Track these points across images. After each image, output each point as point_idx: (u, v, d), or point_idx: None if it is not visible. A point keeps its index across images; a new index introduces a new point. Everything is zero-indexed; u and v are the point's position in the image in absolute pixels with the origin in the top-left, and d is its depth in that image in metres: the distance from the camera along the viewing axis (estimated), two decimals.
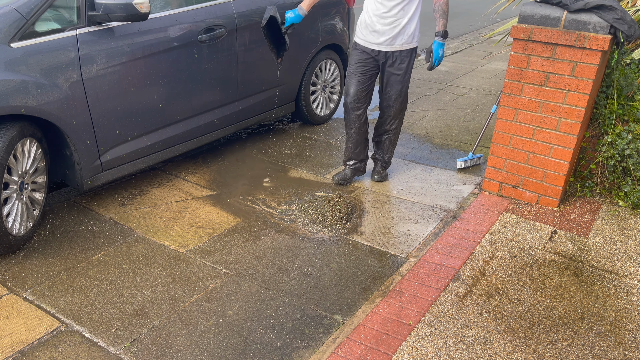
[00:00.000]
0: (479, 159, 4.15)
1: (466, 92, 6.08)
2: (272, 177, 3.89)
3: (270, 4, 4.06)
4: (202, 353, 2.28)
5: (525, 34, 3.23)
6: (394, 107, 3.65)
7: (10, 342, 2.28)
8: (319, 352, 2.30)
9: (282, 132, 4.77)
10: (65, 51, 2.83)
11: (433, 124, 5.05)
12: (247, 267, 2.87)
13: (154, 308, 2.53)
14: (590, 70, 3.13)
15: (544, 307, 2.60)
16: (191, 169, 3.95)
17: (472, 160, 4.13)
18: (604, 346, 2.37)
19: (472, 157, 4.13)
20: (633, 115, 3.50)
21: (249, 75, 4.01)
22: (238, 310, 2.54)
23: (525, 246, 3.10)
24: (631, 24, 3.04)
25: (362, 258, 2.99)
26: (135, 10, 2.92)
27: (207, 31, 3.57)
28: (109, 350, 2.28)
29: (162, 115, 3.46)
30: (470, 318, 2.51)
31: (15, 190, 2.78)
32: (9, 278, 2.68)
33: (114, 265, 2.83)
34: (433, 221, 3.36)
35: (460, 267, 2.88)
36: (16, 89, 2.62)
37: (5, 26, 2.62)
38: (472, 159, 4.13)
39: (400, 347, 2.31)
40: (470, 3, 13.41)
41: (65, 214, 3.28)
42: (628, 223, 3.36)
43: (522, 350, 2.33)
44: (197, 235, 3.13)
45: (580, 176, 3.77)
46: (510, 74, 3.39)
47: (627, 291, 2.74)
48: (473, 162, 4.14)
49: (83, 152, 3.05)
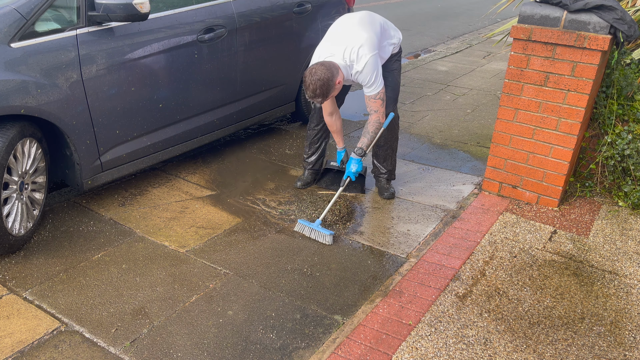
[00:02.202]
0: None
1: (466, 92, 6.08)
2: (272, 177, 3.89)
3: (270, 3, 4.06)
4: (202, 353, 2.28)
5: (525, 34, 3.23)
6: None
7: (10, 342, 2.28)
8: (319, 352, 2.30)
9: (282, 132, 4.77)
10: (65, 51, 2.83)
11: (433, 124, 5.05)
12: (247, 267, 2.87)
13: (154, 308, 2.53)
14: (590, 70, 3.13)
15: (544, 307, 2.60)
16: (191, 169, 3.95)
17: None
18: (604, 346, 2.37)
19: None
20: (633, 115, 3.50)
21: (249, 76, 4.01)
22: (238, 310, 2.54)
23: (525, 246, 3.10)
24: (631, 24, 3.04)
25: (362, 258, 2.99)
26: (135, 10, 2.92)
27: (207, 31, 3.57)
28: (109, 350, 2.28)
29: (162, 116, 3.46)
30: (470, 318, 2.51)
31: (15, 190, 2.78)
32: (9, 278, 2.68)
33: (114, 265, 2.83)
34: (433, 221, 3.36)
35: (460, 267, 2.88)
36: (16, 89, 2.62)
37: (5, 26, 2.62)
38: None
39: (400, 347, 2.31)
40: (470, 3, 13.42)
41: (65, 214, 3.28)
42: (628, 223, 3.36)
43: (522, 350, 2.33)
44: (197, 235, 3.13)
45: (580, 176, 3.77)
46: (510, 74, 3.39)
47: (627, 291, 2.74)
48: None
49: (83, 152, 3.05)
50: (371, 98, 3.20)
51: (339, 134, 3.58)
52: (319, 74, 2.97)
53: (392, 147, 3.63)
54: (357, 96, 5.44)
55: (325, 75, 2.98)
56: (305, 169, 3.79)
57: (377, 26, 3.23)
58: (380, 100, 3.19)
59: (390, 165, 3.67)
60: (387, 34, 3.33)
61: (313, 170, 3.77)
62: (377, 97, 3.18)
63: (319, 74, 2.97)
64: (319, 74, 2.98)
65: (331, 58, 3.11)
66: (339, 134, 3.58)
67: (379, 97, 3.18)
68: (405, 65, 7.21)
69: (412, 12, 11.61)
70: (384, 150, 3.61)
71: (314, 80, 2.97)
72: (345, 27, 3.20)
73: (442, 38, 9.37)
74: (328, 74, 2.99)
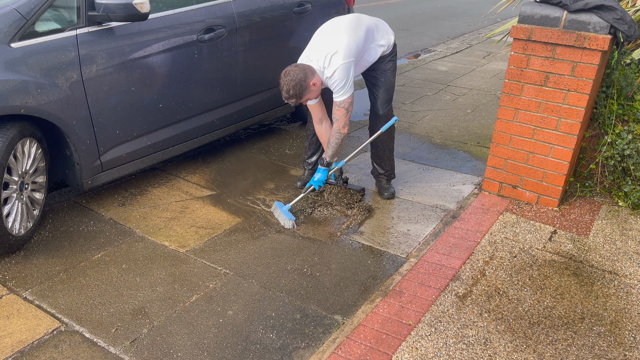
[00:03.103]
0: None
1: (466, 92, 6.08)
2: (272, 177, 3.89)
3: (270, 3, 4.06)
4: (202, 353, 2.28)
5: (525, 34, 3.23)
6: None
7: (10, 342, 2.28)
8: (319, 352, 2.30)
9: (282, 132, 4.77)
10: (65, 51, 2.83)
11: (433, 124, 5.05)
12: (247, 267, 2.87)
13: (154, 308, 2.53)
14: (590, 70, 3.13)
15: (544, 307, 2.60)
16: (191, 169, 3.95)
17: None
18: (604, 346, 2.37)
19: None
20: (633, 115, 3.50)
21: (249, 75, 4.01)
22: (238, 310, 2.54)
23: (525, 246, 3.10)
24: (631, 24, 3.04)
25: (362, 258, 2.99)
26: (135, 10, 2.92)
27: (207, 31, 3.57)
28: (109, 350, 2.28)
29: (162, 115, 3.46)
30: (470, 318, 2.51)
31: (15, 190, 2.78)
32: (9, 278, 2.68)
33: (114, 265, 2.83)
34: (433, 221, 3.36)
35: (460, 267, 2.88)
36: (16, 89, 2.62)
37: (5, 26, 2.62)
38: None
39: (400, 347, 2.31)
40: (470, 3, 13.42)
41: (65, 214, 3.28)
42: (628, 223, 3.36)
43: (522, 350, 2.33)
44: (197, 235, 3.13)
45: (580, 176, 3.77)
46: (510, 74, 3.39)
47: (627, 291, 2.74)
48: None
49: (83, 152, 3.04)
50: (336, 105, 3.23)
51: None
52: (292, 75, 3.07)
53: (389, 147, 3.62)
54: (357, 96, 5.44)
55: (298, 76, 3.06)
56: (306, 169, 3.79)
57: (362, 31, 3.24)
58: (344, 110, 3.21)
59: (388, 166, 3.66)
60: (373, 37, 3.32)
61: (313, 171, 3.77)
62: (342, 105, 3.20)
63: (292, 75, 3.07)
64: (292, 74, 3.07)
65: (309, 62, 3.18)
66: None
67: (343, 106, 3.20)
68: (405, 65, 7.21)
69: (412, 12, 11.61)
70: (382, 151, 3.61)
71: (287, 81, 3.07)
72: (328, 32, 3.25)
73: (442, 38, 9.37)
74: (301, 74, 3.07)
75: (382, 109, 3.46)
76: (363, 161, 4.17)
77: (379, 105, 3.46)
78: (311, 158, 3.77)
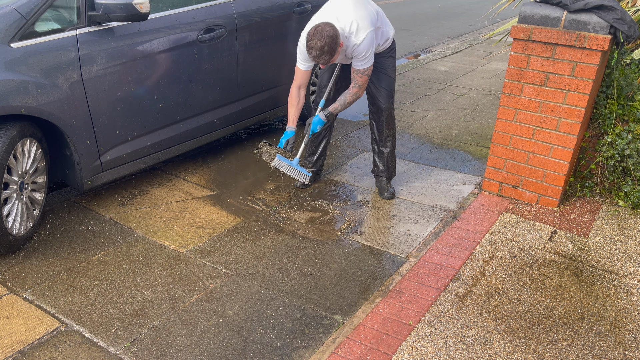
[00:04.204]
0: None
1: (466, 92, 6.08)
2: (272, 177, 3.89)
3: (270, 3, 4.06)
4: (202, 353, 2.28)
5: (525, 34, 3.23)
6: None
7: (10, 342, 2.28)
8: (319, 352, 2.30)
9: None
10: (65, 51, 2.83)
11: (433, 124, 5.05)
12: (247, 267, 2.87)
13: (154, 308, 2.53)
14: (590, 70, 3.13)
15: (544, 307, 2.60)
16: (191, 169, 3.95)
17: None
18: (604, 346, 2.37)
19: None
20: (633, 115, 3.50)
21: (249, 75, 4.01)
22: (238, 310, 2.54)
23: (525, 246, 3.10)
24: (631, 24, 3.04)
25: (362, 258, 2.99)
26: (135, 10, 2.92)
27: (207, 31, 3.57)
28: (109, 350, 2.28)
29: (162, 115, 3.46)
30: (470, 318, 2.51)
31: (15, 190, 2.78)
32: (9, 278, 2.68)
33: (114, 265, 2.83)
34: (433, 221, 3.36)
35: (460, 267, 2.88)
36: (16, 89, 2.62)
37: (5, 26, 2.62)
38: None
39: (400, 347, 2.31)
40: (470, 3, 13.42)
41: (65, 214, 3.28)
42: (628, 223, 3.36)
43: (522, 350, 2.33)
44: (197, 235, 3.13)
45: (580, 176, 3.77)
46: (510, 74, 3.39)
47: (627, 291, 2.74)
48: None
49: (83, 152, 3.05)
50: (359, 72, 3.21)
51: (296, 112, 3.43)
52: (326, 32, 2.89)
53: (392, 143, 3.64)
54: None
55: (332, 32, 2.91)
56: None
57: (373, 9, 3.24)
58: (366, 77, 3.22)
59: (390, 163, 3.67)
60: (383, 19, 3.33)
61: (314, 170, 3.77)
62: (365, 72, 3.20)
63: (327, 32, 2.89)
64: (326, 31, 2.89)
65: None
66: (296, 111, 3.42)
67: (367, 74, 3.21)
68: (405, 65, 7.22)
69: (412, 12, 11.61)
70: (384, 146, 3.63)
71: (323, 37, 2.88)
72: (342, 3, 3.16)
73: (442, 38, 9.37)
74: (334, 31, 2.93)
75: (385, 102, 3.47)
76: (363, 161, 4.17)
77: (382, 99, 3.47)
78: (311, 157, 3.77)
